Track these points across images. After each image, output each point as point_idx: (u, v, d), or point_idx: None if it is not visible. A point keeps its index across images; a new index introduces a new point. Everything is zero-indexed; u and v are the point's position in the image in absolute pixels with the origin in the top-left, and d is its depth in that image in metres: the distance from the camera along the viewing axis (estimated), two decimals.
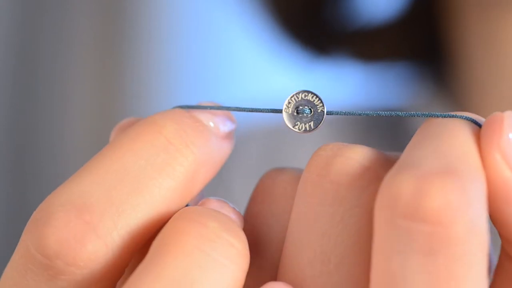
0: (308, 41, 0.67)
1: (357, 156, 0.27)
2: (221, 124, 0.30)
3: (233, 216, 0.29)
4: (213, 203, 0.29)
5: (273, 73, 0.88)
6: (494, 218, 0.26)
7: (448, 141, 0.26)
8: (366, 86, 0.69)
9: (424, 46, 0.65)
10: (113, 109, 1.05)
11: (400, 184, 0.25)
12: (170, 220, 0.27)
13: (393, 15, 0.66)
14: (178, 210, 0.28)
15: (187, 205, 0.29)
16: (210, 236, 0.26)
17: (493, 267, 0.28)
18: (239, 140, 0.67)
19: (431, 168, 0.25)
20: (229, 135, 0.30)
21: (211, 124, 0.30)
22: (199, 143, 0.29)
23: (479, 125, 0.27)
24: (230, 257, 0.26)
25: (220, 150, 0.30)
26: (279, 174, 0.30)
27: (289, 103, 0.29)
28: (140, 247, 0.28)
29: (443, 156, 0.25)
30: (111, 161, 0.28)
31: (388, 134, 0.63)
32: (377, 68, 0.67)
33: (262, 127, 0.63)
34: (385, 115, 0.29)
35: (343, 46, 0.67)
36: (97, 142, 1.02)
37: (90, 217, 0.27)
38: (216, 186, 0.63)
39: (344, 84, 0.71)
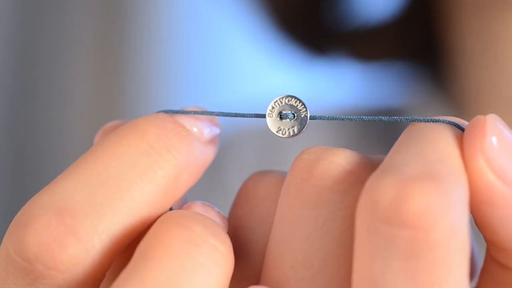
0: (306, 41, 0.67)
1: (340, 159, 0.27)
2: (204, 129, 0.30)
3: (217, 219, 0.29)
4: (198, 207, 0.29)
5: (272, 73, 0.88)
6: (478, 222, 0.26)
7: (430, 145, 0.26)
8: (364, 86, 0.69)
9: (422, 46, 0.65)
10: (113, 109, 1.05)
11: (381, 188, 0.24)
12: (155, 224, 0.27)
13: (391, 15, 0.65)
14: (161, 215, 0.28)
15: (171, 209, 0.29)
16: (195, 240, 0.26)
17: (479, 269, 0.28)
18: (236, 140, 0.67)
19: (412, 172, 0.25)
20: (212, 140, 0.30)
21: (195, 129, 0.30)
22: (181, 148, 0.29)
23: (462, 129, 0.27)
24: (214, 260, 0.26)
25: (203, 155, 0.30)
26: (263, 177, 0.30)
27: (272, 108, 0.29)
28: (121, 251, 0.28)
29: (425, 160, 0.25)
30: (93, 165, 0.28)
31: (387, 135, 0.63)
32: (375, 68, 0.67)
33: (258, 127, 0.63)
34: (368, 120, 0.29)
35: (341, 46, 0.67)
36: None
37: (71, 220, 0.27)
38: (213, 186, 0.63)
39: (342, 84, 0.71)
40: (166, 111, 0.30)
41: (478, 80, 0.59)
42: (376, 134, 0.64)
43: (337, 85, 0.71)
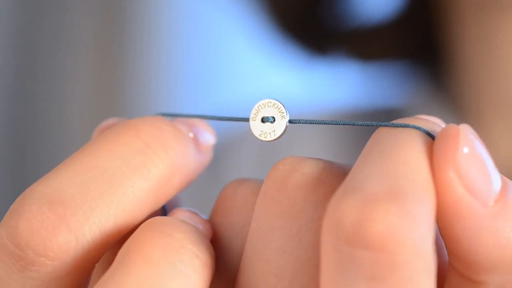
0: (306, 41, 0.67)
1: (313, 170, 0.27)
2: (200, 136, 0.31)
3: (201, 226, 0.29)
4: (183, 214, 0.29)
5: (271, 73, 0.88)
6: (443, 232, 0.26)
7: (396, 156, 0.25)
8: (363, 86, 0.69)
9: (421, 45, 0.65)
10: (113, 109, 1.05)
11: (343, 210, 0.24)
12: (137, 230, 0.27)
13: (391, 14, 0.66)
14: (151, 213, 0.29)
15: (163, 208, 0.30)
16: (175, 247, 0.26)
17: None
18: (234, 140, 0.67)
19: (374, 190, 0.24)
20: (207, 148, 0.31)
21: (190, 134, 0.30)
22: (176, 149, 0.29)
23: (432, 136, 0.26)
24: (194, 267, 0.26)
25: (197, 160, 0.30)
26: (240, 185, 0.30)
27: (256, 112, 0.30)
28: (111, 245, 0.29)
29: (389, 175, 0.25)
30: (88, 160, 0.28)
31: None
32: (374, 68, 0.67)
33: None
34: (344, 125, 0.29)
35: (341, 46, 0.67)
36: None
37: (63, 210, 0.27)
38: (213, 187, 0.63)
39: (341, 83, 0.71)
40: (161, 114, 0.31)
41: (477, 79, 0.59)
42: (372, 131, 0.64)
43: (336, 85, 0.71)
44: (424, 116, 0.28)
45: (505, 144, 0.59)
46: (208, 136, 0.31)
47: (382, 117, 0.64)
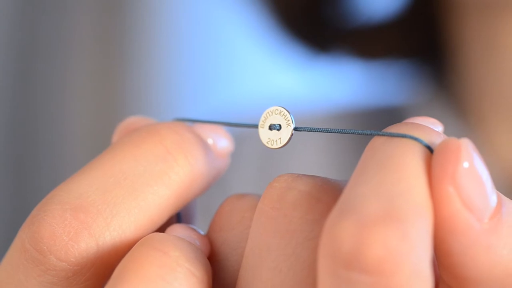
0: (309, 39, 0.67)
1: (309, 188, 0.27)
2: (219, 142, 0.31)
3: (198, 243, 0.29)
4: (180, 230, 0.29)
5: (274, 71, 0.88)
6: (436, 246, 0.25)
7: (392, 173, 0.25)
8: (366, 84, 0.69)
9: (424, 44, 0.65)
10: (113, 109, 1.05)
11: (339, 233, 0.24)
12: (133, 247, 0.27)
13: (394, 13, 0.66)
14: (169, 218, 0.29)
15: (178, 214, 0.30)
16: (171, 265, 0.26)
17: None
18: (236, 142, 0.67)
19: (371, 212, 0.24)
20: (225, 154, 0.31)
21: (210, 140, 0.31)
22: (197, 156, 0.30)
23: (430, 149, 0.25)
24: (189, 285, 0.26)
25: (216, 166, 0.31)
26: (238, 201, 0.30)
27: (264, 119, 0.30)
28: (130, 249, 0.29)
29: (385, 194, 0.24)
30: (110, 165, 0.29)
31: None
32: (377, 66, 0.67)
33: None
34: (350, 133, 0.29)
35: (343, 44, 0.67)
36: (97, 142, 1.02)
37: (85, 216, 0.28)
38: (212, 190, 0.63)
39: (344, 82, 0.71)
40: (182, 119, 0.31)
41: (480, 79, 0.59)
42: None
43: (339, 83, 0.71)
44: (421, 118, 0.27)
45: (507, 144, 0.59)
46: (226, 143, 0.31)
47: (384, 116, 0.64)
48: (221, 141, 0.31)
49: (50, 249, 0.27)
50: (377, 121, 0.64)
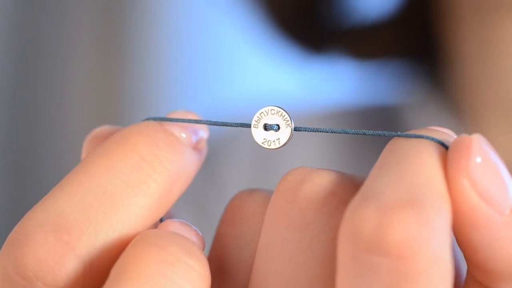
0: (303, 39, 0.67)
1: (324, 181, 0.27)
2: (193, 134, 0.30)
3: (193, 238, 0.28)
4: (174, 225, 0.29)
5: (269, 71, 0.88)
6: (460, 241, 0.26)
7: (412, 167, 0.25)
8: (361, 85, 0.68)
9: (419, 44, 0.65)
10: (113, 109, 1.05)
11: (362, 217, 0.24)
12: (129, 245, 0.27)
13: (388, 13, 0.65)
14: (154, 223, 0.29)
15: (161, 220, 0.30)
16: (169, 260, 0.26)
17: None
18: (230, 140, 0.67)
19: (393, 199, 0.24)
20: (201, 145, 0.30)
21: (183, 135, 0.30)
22: (172, 159, 0.29)
23: (446, 146, 0.26)
24: (190, 280, 0.26)
25: (193, 161, 0.30)
26: (250, 196, 0.30)
27: (258, 119, 0.29)
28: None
29: (406, 184, 0.25)
30: (86, 180, 0.28)
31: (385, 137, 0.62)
32: (372, 66, 0.67)
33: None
34: (352, 134, 0.29)
35: (338, 44, 0.67)
36: None
37: (68, 237, 0.27)
38: (208, 187, 0.63)
39: (339, 82, 0.71)
40: (154, 119, 0.30)
41: (475, 79, 0.59)
42: (373, 137, 0.64)
43: (334, 83, 0.71)
44: (437, 128, 0.28)
45: (503, 144, 0.59)
46: (200, 133, 0.30)
47: (379, 116, 0.64)
48: (195, 133, 0.30)
49: (37, 275, 0.26)
50: (372, 121, 0.64)
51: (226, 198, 0.32)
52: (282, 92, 0.84)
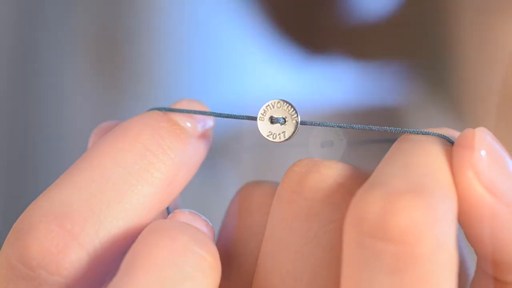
0: (303, 40, 0.67)
1: (331, 172, 0.27)
2: (198, 123, 0.30)
3: (204, 229, 0.28)
4: (184, 216, 0.29)
5: (268, 72, 0.88)
6: (468, 234, 0.26)
7: (418, 158, 0.26)
8: (360, 85, 0.68)
9: (419, 45, 0.65)
10: (113, 109, 1.05)
11: (367, 203, 0.24)
12: (141, 234, 0.27)
13: (388, 14, 0.65)
14: (159, 213, 0.29)
15: (167, 209, 0.30)
16: (181, 250, 0.26)
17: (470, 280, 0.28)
18: (232, 137, 0.67)
19: (398, 186, 0.25)
20: (206, 134, 0.30)
21: (188, 124, 0.30)
22: (176, 148, 0.29)
23: (452, 142, 0.27)
24: (201, 270, 0.26)
25: (198, 150, 0.30)
26: (256, 187, 0.30)
27: (264, 111, 0.29)
28: (123, 252, 0.28)
29: (412, 174, 0.25)
30: (89, 169, 0.28)
31: (387, 133, 0.62)
32: (371, 67, 0.67)
33: (254, 124, 0.63)
34: (359, 129, 0.29)
35: (338, 45, 0.67)
36: None
37: (72, 226, 0.27)
38: (210, 184, 0.63)
39: (338, 82, 0.71)
40: (159, 109, 0.30)
41: (475, 80, 0.59)
42: (374, 138, 0.64)
43: (333, 83, 0.71)
44: (443, 128, 0.28)
45: (502, 144, 0.58)
46: (206, 121, 0.30)
47: (380, 116, 0.64)
48: (200, 122, 0.30)
49: (40, 264, 0.26)
50: (372, 121, 0.64)
51: (226, 198, 0.32)
52: (282, 93, 0.84)
